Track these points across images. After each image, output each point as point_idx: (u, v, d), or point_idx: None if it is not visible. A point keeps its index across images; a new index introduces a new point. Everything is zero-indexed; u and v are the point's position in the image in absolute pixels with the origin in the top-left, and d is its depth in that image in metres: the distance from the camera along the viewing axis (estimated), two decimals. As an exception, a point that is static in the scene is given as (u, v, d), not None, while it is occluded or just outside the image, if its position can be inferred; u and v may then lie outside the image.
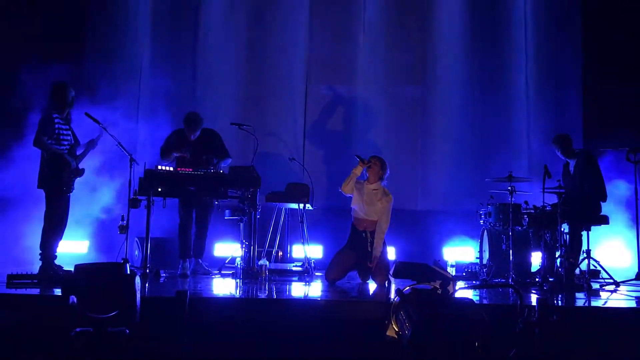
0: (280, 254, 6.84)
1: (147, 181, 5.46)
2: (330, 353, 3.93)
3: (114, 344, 3.42)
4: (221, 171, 5.85)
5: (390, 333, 3.37)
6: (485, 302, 4.54)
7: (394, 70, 7.78)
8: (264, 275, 5.53)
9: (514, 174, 5.94)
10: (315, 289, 5.28)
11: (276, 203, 6.45)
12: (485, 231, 6.39)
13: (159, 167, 5.57)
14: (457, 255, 6.93)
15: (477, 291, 4.96)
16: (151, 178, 5.48)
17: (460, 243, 7.03)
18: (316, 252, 6.98)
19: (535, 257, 6.04)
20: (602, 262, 5.90)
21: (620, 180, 6.73)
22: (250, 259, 5.66)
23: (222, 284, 5.50)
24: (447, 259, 6.82)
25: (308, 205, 6.35)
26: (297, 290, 5.22)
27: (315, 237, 6.94)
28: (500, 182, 6.09)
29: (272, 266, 6.16)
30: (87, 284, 3.52)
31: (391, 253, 6.32)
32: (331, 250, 6.35)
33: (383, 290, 5.22)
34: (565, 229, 5.80)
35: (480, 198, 6.46)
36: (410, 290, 3.35)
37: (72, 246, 6.61)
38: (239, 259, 5.85)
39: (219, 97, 7.59)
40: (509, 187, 5.90)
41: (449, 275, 3.60)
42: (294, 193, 6.30)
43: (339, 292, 5.05)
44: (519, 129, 7.74)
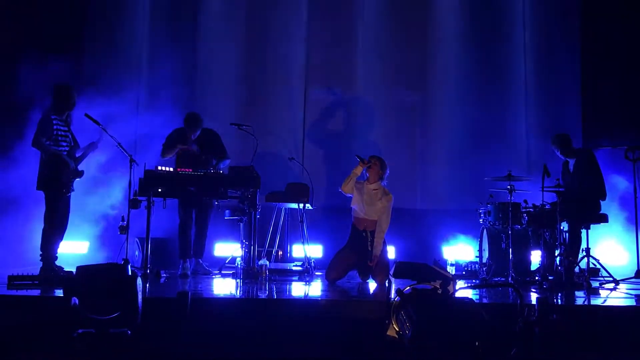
0: (280, 254, 6.86)
1: (147, 182, 5.47)
2: (330, 353, 3.94)
3: (115, 345, 3.44)
4: (221, 171, 5.86)
5: (391, 333, 3.38)
6: (485, 301, 4.55)
7: (393, 70, 7.78)
8: (264, 275, 5.55)
9: (513, 173, 5.94)
10: (315, 289, 5.29)
11: (276, 203, 6.47)
12: (485, 230, 6.39)
13: (159, 168, 5.58)
14: (457, 254, 6.94)
15: (477, 290, 4.97)
16: (151, 178, 5.48)
17: (459, 242, 7.04)
18: (316, 251, 6.99)
19: (534, 256, 6.06)
20: (599, 260, 5.91)
21: (618, 178, 6.73)
22: (250, 259, 5.67)
23: (223, 284, 5.51)
24: (446, 258, 6.84)
25: (308, 205, 6.37)
26: (298, 290, 5.22)
27: (315, 236, 6.96)
28: (500, 181, 6.10)
29: (272, 266, 6.17)
30: (89, 286, 3.53)
31: (391, 252, 6.34)
32: (331, 250, 6.36)
33: (383, 290, 5.22)
34: (564, 228, 5.82)
35: (480, 197, 6.47)
36: (410, 290, 3.37)
37: (73, 247, 6.61)
38: (239, 258, 5.87)
39: (218, 96, 7.59)
40: (509, 186, 5.91)
41: (449, 275, 3.61)
42: (293, 193, 6.32)
43: (339, 292, 5.07)
44: (518, 127, 7.74)
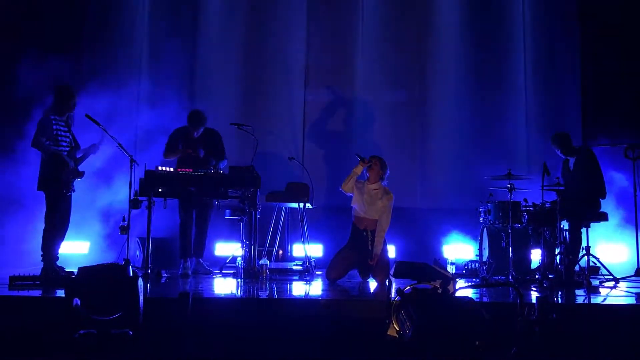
0: (280, 253, 6.87)
1: (148, 182, 5.48)
2: (331, 352, 3.95)
3: (117, 346, 3.45)
4: (221, 171, 5.87)
5: (391, 332, 3.39)
6: (485, 300, 4.56)
7: (393, 70, 7.78)
8: (265, 274, 5.56)
9: (513, 172, 5.95)
10: (316, 288, 5.29)
11: (276, 202, 6.49)
12: (485, 229, 6.40)
13: (160, 168, 5.59)
14: (457, 253, 6.96)
15: (477, 289, 4.98)
16: (152, 179, 5.49)
17: (460, 241, 7.05)
18: (316, 250, 7.01)
19: (535, 254, 6.06)
20: (599, 258, 5.92)
21: (618, 177, 6.74)
22: (251, 259, 5.68)
23: (224, 284, 5.52)
24: (446, 256, 6.85)
25: (308, 205, 6.38)
26: (298, 289, 5.23)
27: (315, 236, 6.97)
28: (500, 180, 6.11)
29: (273, 265, 6.19)
30: (91, 286, 3.54)
31: (391, 251, 6.34)
32: (331, 249, 6.38)
33: (384, 289, 5.23)
34: (564, 226, 5.82)
35: (480, 196, 6.49)
36: (410, 290, 3.38)
37: (73, 247, 6.62)
38: (239, 258, 5.89)
39: (218, 96, 7.59)
40: (508, 185, 5.92)
41: (449, 274, 3.63)
42: (294, 192, 6.33)
43: (339, 291, 5.07)
44: (518, 126, 7.75)
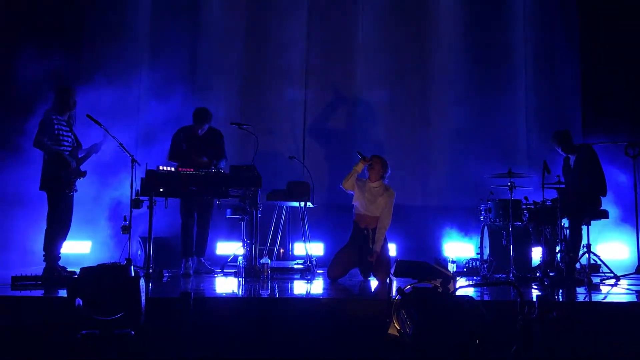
0: (281, 252, 6.87)
1: (149, 181, 5.49)
2: (332, 351, 3.97)
3: (119, 346, 3.46)
4: (222, 170, 5.88)
5: (392, 331, 3.40)
6: (485, 299, 4.58)
7: (394, 68, 7.79)
8: (266, 273, 5.58)
9: (513, 170, 5.94)
10: (317, 287, 5.30)
11: (277, 201, 6.50)
12: (486, 227, 6.41)
13: (161, 168, 5.60)
14: (458, 251, 6.97)
15: (478, 288, 4.99)
16: (153, 178, 5.50)
17: (460, 239, 7.07)
18: (317, 249, 7.02)
19: (535, 252, 6.07)
20: (599, 256, 5.93)
21: (618, 174, 6.74)
22: (252, 258, 5.70)
23: (225, 283, 5.53)
24: (447, 254, 6.86)
25: (309, 204, 6.39)
26: (299, 288, 5.24)
27: (316, 234, 6.99)
28: (500, 178, 6.11)
29: (274, 264, 6.20)
30: (93, 287, 3.55)
31: (392, 250, 6.36)
32: (332, 248, 6.39)
33: (385, 288, 5.23)
34: (565, 224, 5.83)
35: (480, 194, 6.49)
36: (411, 289, 3.39)
37: (75, 246, 6.64)
38: (240, 257, 5.91)
39: (218, 95, 7.61)
40: (509, 183, 5.92)
41: (450, 273, 3.63)
42: (294, 191, 6.33)
43: (340, 290, 5.08)
44: (518, 124, 7.76)
